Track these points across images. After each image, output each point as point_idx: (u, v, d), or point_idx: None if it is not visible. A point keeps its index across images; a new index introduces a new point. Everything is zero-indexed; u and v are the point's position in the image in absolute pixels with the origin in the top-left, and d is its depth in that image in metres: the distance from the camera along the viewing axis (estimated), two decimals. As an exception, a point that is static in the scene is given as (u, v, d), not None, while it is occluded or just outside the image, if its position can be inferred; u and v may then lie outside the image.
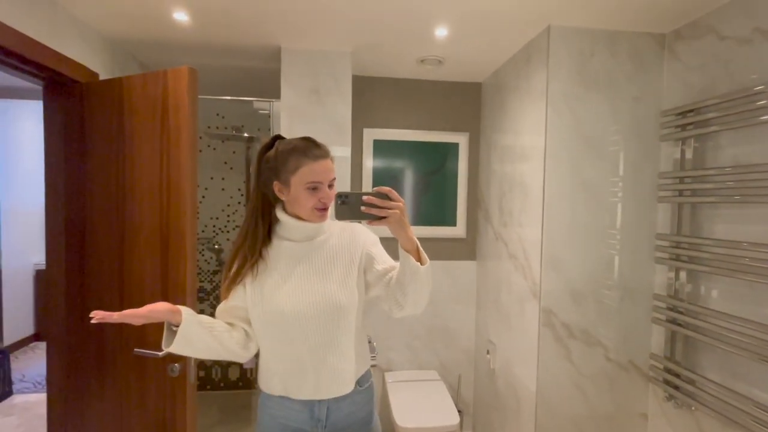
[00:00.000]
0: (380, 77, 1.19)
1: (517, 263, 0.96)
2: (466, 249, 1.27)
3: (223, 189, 1.52)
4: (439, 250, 1.25)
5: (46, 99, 0.80)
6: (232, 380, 1.54)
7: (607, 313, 0.87)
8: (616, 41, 0.85)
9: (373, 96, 1.20)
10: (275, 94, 1.03)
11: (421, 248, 0.50)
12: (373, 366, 0.66)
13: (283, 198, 0.53)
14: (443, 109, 1.23)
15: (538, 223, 0.86)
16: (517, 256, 0.96)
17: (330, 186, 0.53)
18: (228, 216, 1.54)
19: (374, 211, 0.47)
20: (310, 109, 1.00)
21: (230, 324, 0.54)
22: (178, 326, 0.48)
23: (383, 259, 0.56)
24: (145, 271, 0.72)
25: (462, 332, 1.27)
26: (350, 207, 0.48)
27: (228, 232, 1.54)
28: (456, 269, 1.26)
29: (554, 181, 0.84)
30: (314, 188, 0.51)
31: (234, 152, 1.52)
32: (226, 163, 1.52)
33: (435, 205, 1.26)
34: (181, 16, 0.82)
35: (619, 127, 0.86)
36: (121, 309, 0.47)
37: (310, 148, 0.52)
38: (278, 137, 0.56)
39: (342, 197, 0.48)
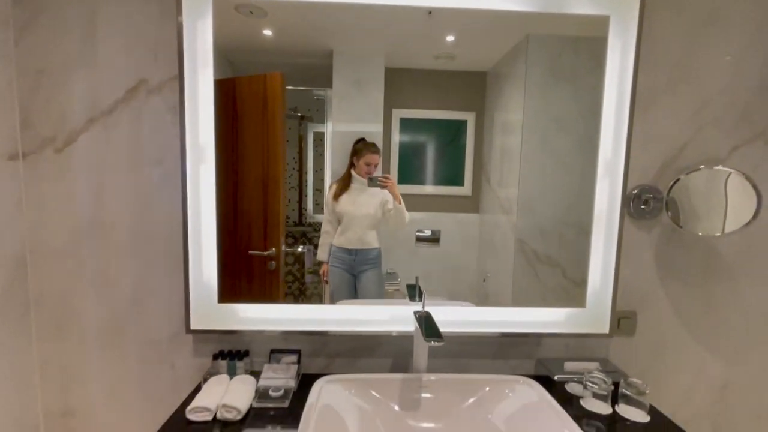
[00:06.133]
0: (406, 68, 1.52)
1: (504, 210, 1.30)
2: (471, 204, 1.60)
3: (281, 157, 1.92)
4: (450, 205, 1.59)
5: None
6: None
7: (566, 244, 1.20)
8: (579, 44, 1.14)
9: (400, 83, 1.53)
10: (326, 83, 1.39)
11: (400, 197, 1.13)
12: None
13: (355, 164, 1.12)
14: (455, 92, 1.55)
15: (516, 180, 1.19)
16: (504, 206, 1.30)
17: (375, 166, 1.14)
18: (286, 179, 1.94)
19: (381, 184, 1.11)
20: (353, 95, 1.35)
21: (329, 221, 1.14)
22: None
23: (390, 203, 1.13)
24: (252, 205, 1.12)
25: (467, 269, 1.63)
26: (374, 182, 1.11)
27: (286, 190, 1.94)
28: (463, 220, 1.61)
29: (528, 149, 1.17)
30: (367, 164, 1.11)
31: (290, 128, 1.90)
32: (283, 136, 1.91)
33: (448, 170, 1.60)
34: (267, 32, 1.19)
35: (581, 109, 1.16)
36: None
37: (369, 147, 1.15)
38: (361, 139, 1.18)
39: (372, 178, 1.13)
